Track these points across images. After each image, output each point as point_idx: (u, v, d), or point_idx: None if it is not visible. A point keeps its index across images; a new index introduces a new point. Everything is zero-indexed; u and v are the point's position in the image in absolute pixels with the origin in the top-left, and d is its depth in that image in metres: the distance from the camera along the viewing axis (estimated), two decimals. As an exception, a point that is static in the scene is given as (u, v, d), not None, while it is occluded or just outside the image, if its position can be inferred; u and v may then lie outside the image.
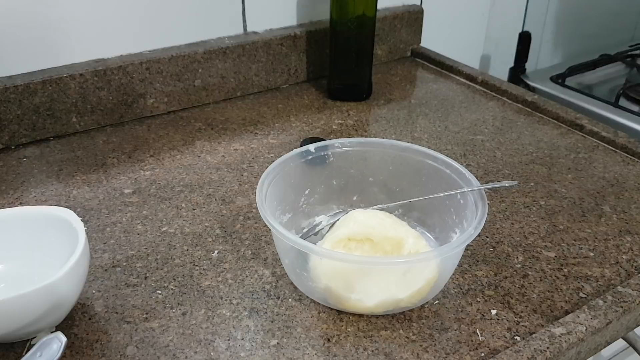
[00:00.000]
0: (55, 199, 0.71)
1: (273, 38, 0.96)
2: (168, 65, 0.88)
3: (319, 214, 0.66)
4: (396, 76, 1.07)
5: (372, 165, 0.67)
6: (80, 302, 0.56)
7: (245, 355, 0.51)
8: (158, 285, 0.59)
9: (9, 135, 0.81)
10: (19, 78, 0.80)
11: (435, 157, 0.63)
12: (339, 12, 0.90)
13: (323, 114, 0.93)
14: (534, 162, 0.81)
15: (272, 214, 0.54)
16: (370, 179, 0.67)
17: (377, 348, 0.52)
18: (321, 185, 0.66)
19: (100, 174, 0.76)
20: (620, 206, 0.72)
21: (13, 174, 0.76)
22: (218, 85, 0.95)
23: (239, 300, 0.57)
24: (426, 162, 0.63)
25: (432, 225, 0.65)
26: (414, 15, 1.12)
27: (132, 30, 0.87)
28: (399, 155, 0.65)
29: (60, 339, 0.47)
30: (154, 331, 0.53)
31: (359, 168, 0.66)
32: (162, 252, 0.63)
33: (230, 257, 0.63)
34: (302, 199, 0.65)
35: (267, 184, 0.58)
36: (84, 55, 0.85)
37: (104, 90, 0.85)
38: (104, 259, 0.62)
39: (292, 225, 0.64)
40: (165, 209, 0.70)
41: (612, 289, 0.59)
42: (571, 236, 0.67)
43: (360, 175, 0.67)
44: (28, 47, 0.80)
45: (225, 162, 0.80)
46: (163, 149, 0.83)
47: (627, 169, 0.80)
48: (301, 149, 0.64)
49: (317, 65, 1.03)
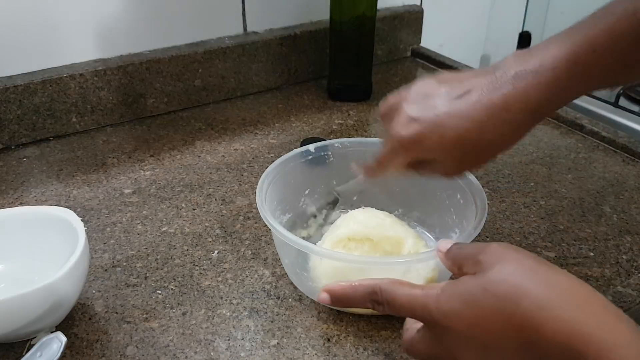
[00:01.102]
0: (55, 199, 0.71)
1: (273, 38, 0.96)
2: (168, 65, 0.88)
3: (318, 214, 0.66)
4: (396, 76, 1.07)
5: None
6: (80, 302, 0.56)
7: (245, 355, 0.51)
8: (158, 285, 0.59)
9: (9, 135, 0.81)
10: (19, 78, 0.80)
11: None
12: (339, 12, 0.90)
13: (323, 114, 0.93)
14: (534, 162, 0.81)
15: (272, 214, 0.54)
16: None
17: (377, 348, 0.52)
18: (321, 185, 0.66)
19: (100, 174, 0.76)
20: (620, 206, 0.72)
21: (13, 174, 0.76)
22: (218, 85, 0.95)
23: (239, 300, 0.57)
24: None
25: (432, 225, 0.65)
26: (414, 15, 1.12)
27: (132, 30, 0.87)
28: None
29: (60, 339, 0.47)
30: (154, 331, 0.53)
31: None
32: (162, 252, 0.63)
33: (230, 257, 0.63)
34: (302, 199, 0.65)
35: (267, 184, 0.58)
36: (84, 55, 0.85)
37: (104, 90, 0.85)
38: (104, 259, 0.62)
39: (292, 224, 0.64)
40: (165, 209, 0.70)
41: (612, 289, 0.59)
42: (571, 236, 0.67)
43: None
44: (28, 47, 0.80)
45: (225, 162, 0.80)
46: (163, 149, 0.83)
47: (627, 169, 0.80)
48: (301, 149, 0.64)
49: (317, 65, 1.03)
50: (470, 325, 0.36)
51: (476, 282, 0.36)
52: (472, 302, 0.36)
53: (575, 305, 0.33)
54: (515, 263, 0.36)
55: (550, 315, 0.33)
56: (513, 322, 0.34)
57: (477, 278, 0.36)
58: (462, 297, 0.36)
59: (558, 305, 0.33)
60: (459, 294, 0.36)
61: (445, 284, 0.38)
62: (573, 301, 0.33)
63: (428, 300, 0.38)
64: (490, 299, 0.35)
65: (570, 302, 0.33)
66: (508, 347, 0.34)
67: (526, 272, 0.35)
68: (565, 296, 0.34)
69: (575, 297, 0.34)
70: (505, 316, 0.34)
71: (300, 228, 0.65)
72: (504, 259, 0.36)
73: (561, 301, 0.33)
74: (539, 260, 0.37)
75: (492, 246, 0.38)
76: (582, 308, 0.33)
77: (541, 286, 0.34)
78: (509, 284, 0.35)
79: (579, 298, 0.34)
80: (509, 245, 0.39)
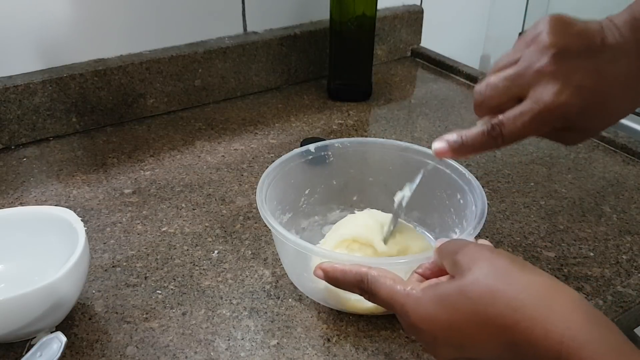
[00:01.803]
0: (55, 199, 0.71)
1: (273, 38, 0.96)
2: (168, 65, 0.88)
3: (318, 214, 0.66)
4: (396, 76, 1.07)
5: (372, 165, 0.67)
6: (80, 302, 0.56)
7: (245, 355, 0.51)
8: (158, 285, 0.59)
9: (9, 135, 0.81)
10: (19, 78, 0.80)
11: (434, 157, 0.62)
12: (339, 12, 0.90)
13: (323, 114, 0.93)
14: (534, 162, 0.81)
15: (272, 214, 0.54)
16: (370, 179, 0.67)
17: (377, 348, 0.52)
18: (321, 185, 0.66)
19: (100, 174, 0.76)
20: (620, 206, 0.72)
21: (13, 174, 0.76)
22: (218, 85, 0.95)
23: (239, 300, 0.57)
24: (426, 162, 0.63)
25: (432, 225, 0.65)
26: (414, 15, 1.12)
27: (132, 30, 0.87)
28: (399, 155, 0.64)
29: (60, 339, 0.47)
30: (154, 331, 0.53)
31: (359, 168, 0.66)
32: (162, 252, 0.63)
33: (230, 257, 0.63)
34: (302, 199, 0.65)
35: (267, 184, 0.58)
36: (84, 55, 0.85)
37: (104, 90, 0.85)
38: (104, 259, 0.62)
39: (292, 225, 0.64)
40: (165, 209, 0.70)
41: (612, 289, 0.59)
42: (571, 236, 0.67)
43: (360, 175, 0.67)
44: (28, 47, 0.80)
45: (225, 162, 0.80)
46: (163, 149, 0.83)
47: (627, 169, 0.80)
48: (301, 149, 0.64)
49: (317, 65, 1.03)
50: (444, 329, 0.37)
51: (453, 285, 0.37)
52: (448, 305, 0.37)
53: (546, 305, 0.34)
54: (489, 264, 0.37)
55: (523, 316, 0.34)
56: (489, 324, 0.35)
57: (454, 281, 0.38)
58: (440, 300, 0.37)
59: (530, 306, 0.34)
60: (438, 298, 0.38)
61: (427, 287, 0.39)
62: (544, 301, 0.34)
63: (408, 301, 0.39)
64: (466, 301, 0.36)
65: (541, 303, 0.34)
66: (486, 346, 0.36)
67: (499, 273, 0.36)
68: (536, 296, 0.35)
69: (547, 297, 0.35)
70: (480, 318, 0.35)
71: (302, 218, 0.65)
72: (479, 260, 0.37)
73: (533, 302, 0.34)
74: (513, 260, 0.37)
75: (469, 247, 0.39)
76: (552, 308, 0.34)
77: (514, 287, 0.35)
78: (482, 286, 0.36)
79: (549, 298, 0.35)
80: (484, 246, 0.40)
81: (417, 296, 0.39)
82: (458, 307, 0.36)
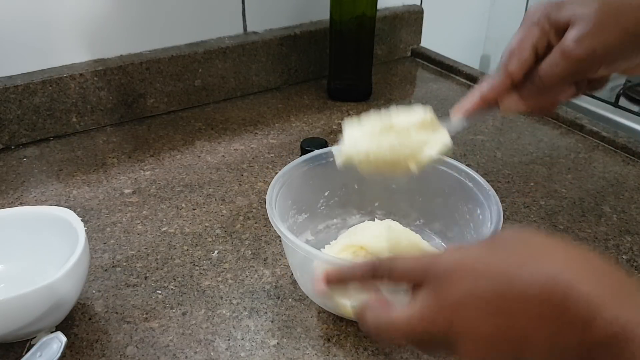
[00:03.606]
0: (55, 199, 0.71)
1: (273, 38, 0.96)
2: (168, 65, 0.88)
3: (337, 217, 0.65)
4: (396, 76, 1.07)
5: None
6: (80, 302, 0.56)
7: (245, 355, 0.51)
8: (158, 285, 0.59)
9: (9, 135, 0.81)
10: (19, 78, 0.80)
11: (458, 169, 0.60)
12: (339, 12, 0.90)
13: (323, 114, 0.93)
14: (534, 162, 0.81)
15: (284, 212, 0.52)
16: (393, 186, 0.65)
17: (377, 348, 0.52)
18: (342, 189, 0.64)
19: (100, 174, 0.76)
20: (620, 206, 0.72)
21: (13, 174, 0.76)
22: (218, 85, 0.95)
23: (239, 300, 0.57)
24: (449, 173, 0.61)
25: (451, 239, 0.63)
26: (414, 15, 1.12)
27: (132, 30, 0.87)
28: None
29: (60, 339, 0.47)
30: (154, 331, 0.53)
31: None
32: (162, 252, 0.63)
33: (230, 257, 0.63)
34: (320, 201, 0.64)
35: (280, 184, 0.57)
36: (84, 55, 0.85)
37: (104, 90, 0.85)
38: (104, 259, 0.62)
39: (307, 226, 0.63)
40: (165, 209, 0.70)
41: (612, 289, 0.59)
42: (571, 236, 0.67)
43: (384, 181, 0.64)
44: (28, 47, 0.80)
45: (225, 162, 0.80)
46: (163, 149, 0.83)
47: (627, 169, 0.80)
48: (323, 150, 0.61)
49: (317, 65, 1.03)
50: (499, 283, 0.32)
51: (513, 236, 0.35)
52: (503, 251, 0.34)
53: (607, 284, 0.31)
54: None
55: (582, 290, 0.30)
56: (553, 292, 0.30)
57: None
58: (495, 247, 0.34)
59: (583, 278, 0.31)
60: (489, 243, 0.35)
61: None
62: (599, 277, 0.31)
63: (446, 254, 0.35)
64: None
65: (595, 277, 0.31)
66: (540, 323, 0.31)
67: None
68: (589, 270, 0.31)
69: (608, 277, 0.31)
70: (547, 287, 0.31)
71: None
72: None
73: (583, 274, 0.31)
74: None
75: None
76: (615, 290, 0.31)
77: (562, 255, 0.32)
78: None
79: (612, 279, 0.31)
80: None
81: (446, 252, 0.35)
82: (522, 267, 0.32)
